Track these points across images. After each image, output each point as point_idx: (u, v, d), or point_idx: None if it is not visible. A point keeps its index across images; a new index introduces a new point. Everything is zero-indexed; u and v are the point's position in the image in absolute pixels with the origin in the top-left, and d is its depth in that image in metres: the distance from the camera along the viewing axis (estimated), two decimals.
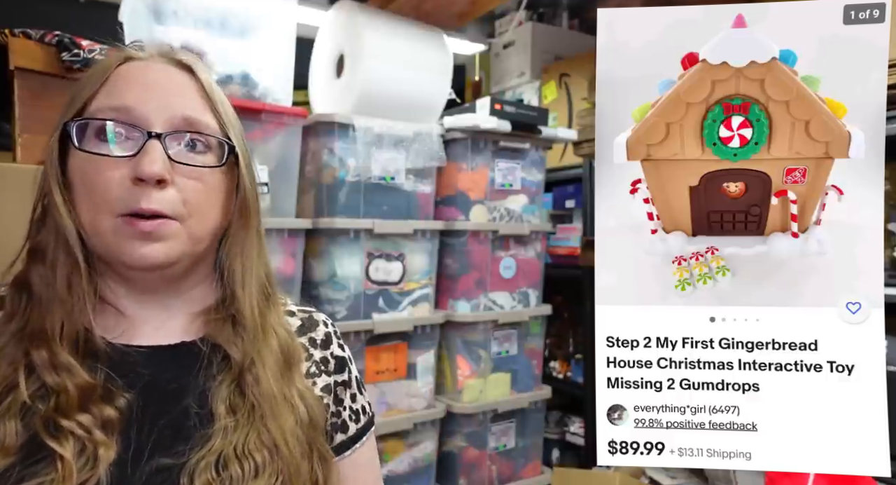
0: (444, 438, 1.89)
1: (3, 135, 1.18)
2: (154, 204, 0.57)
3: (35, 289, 0.59)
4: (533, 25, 2.59)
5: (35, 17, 1.39)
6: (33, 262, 0.61)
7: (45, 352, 0.56)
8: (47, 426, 0.54)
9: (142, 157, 0.57)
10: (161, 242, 0.59)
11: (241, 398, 0.62)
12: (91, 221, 0.58)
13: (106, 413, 0.56)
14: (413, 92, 1.79)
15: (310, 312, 0.77)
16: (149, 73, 0.62)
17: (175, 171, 0.59)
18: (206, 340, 0.65)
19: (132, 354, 0.61)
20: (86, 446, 0.54)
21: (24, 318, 0.59)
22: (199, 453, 0.57)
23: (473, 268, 1.88)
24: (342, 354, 0.75)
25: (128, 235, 0.58)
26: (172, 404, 0.60)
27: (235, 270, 0.66)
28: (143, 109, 0.59)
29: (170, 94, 0.61)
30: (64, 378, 0.56)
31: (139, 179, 0.57)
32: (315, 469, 0.64)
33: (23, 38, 1.08)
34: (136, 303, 0.64)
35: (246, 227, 0.66)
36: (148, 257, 0.58)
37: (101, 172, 0.58)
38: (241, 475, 0.57)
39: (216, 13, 1.42)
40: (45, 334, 0.57)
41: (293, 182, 1.60)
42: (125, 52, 0.64)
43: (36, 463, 0.52)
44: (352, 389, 0.74)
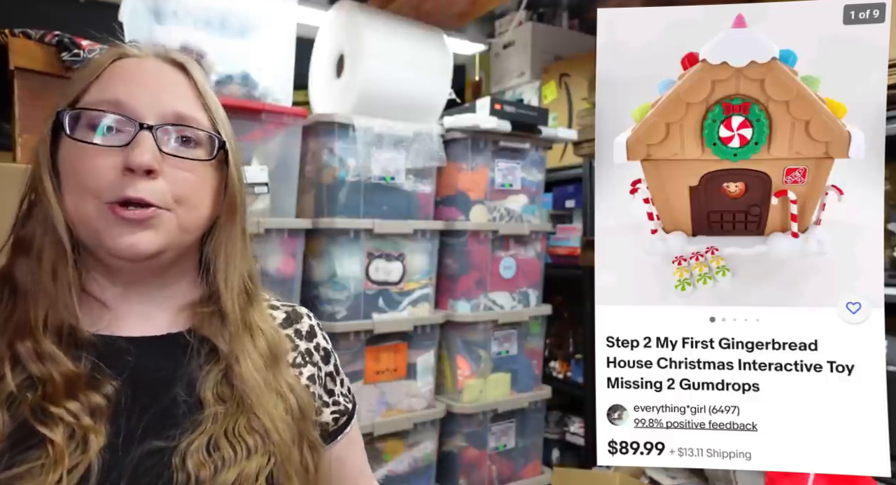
0: (444, 438, 1.89)
1: (3, 135, 1.18)
2: (142, 193, 0.58)
3: (19, 281, 0.60)
4: (533, 25, 2.59)
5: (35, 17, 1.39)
6: (18, 254, 0.61)
7: (29, 343, 0.57)
8: (35, 413, 0.54)
9: (132, 147, 0.58)
10: (149, 230, 0.59)
11: (230, 388, 0.63)
12: (77, 208, 0.59)
13: (94, 400, 0.56)
14: (413, 92, 1.79)
15: (292, 305, 0.79)
16: (142, 69, 0.63)
17: (165, 162, 0.60)
18: (192, 332, 0.65)
19: (118, 345, 0.61)
20: (75, 431, 0.54)
21: (7, 310, 0.59)
22: (189, 436, 0.58)
23: (473, 268, 1.88)
24: (327, 346, 0.77)
25: (115, 224, 0.58)
26: (161, 393, 0.60)
27: (219, 266, 0.67)
28: (136, 103, 0.60)
29: (162, 90, 0.62)
30: (49, 367, 0.56)
31: (129, 168, 0.57)
32: (305, 457, 0.65)
33: (23, 38, 1.08)
34: (120, 295, 0.64)
35: (232, 222, 0.67)
36: (135, 246, 0.59)
37: (91, 159, 0.58)
38: (233, 456, 0.58)
39: (216, 13, 1.42)
40: (29, 325, 0.57)
41: (293, 182, 1.60)
42: (120, 50, 0.65)
43: (26, 450, 0.53)
44: (340, 375, 0.78)
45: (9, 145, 1.10)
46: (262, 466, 0.60)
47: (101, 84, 0.61)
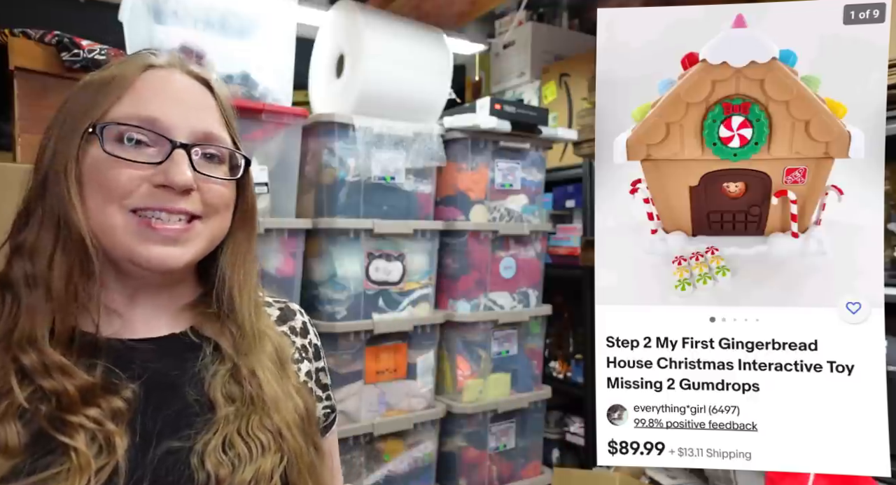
0: (444, 438, 1.89)
1: (2, 135, 1.18)
2: (181, 204, 0.60)
3: (20, 288, 0.59)
4: (533, 25, 2.59)
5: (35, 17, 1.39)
6: (19, 259, 0.60)
7: (34, 355, 0.56)
8: (54, 424, 0.54)
9: (170, 165, 0.59)
10: (182, 246, 0.61)
11: (238, 387, 0.63)
12: (101, 218, 0.59)
13: (115, 405, 0.57)
14: (413, 92, 1.79)
15: (284, 301, 0.80)
16: (173, 85, 0.64)
17: (197, 179, 0.62)
18: (194, 331, 0.67)
19: (127, 348, 0.62)
20: (97, 436, 0.54)
21: (10, 319, 0.58)
22: (204, 436, 0.59)
23: (473, 268, 1.88)
24: (317, 342, 0.79)
25: (148, 237, 0.59)
26: (172, 393, 0.61)
27: (235, 280, 0.68)
28: (169, 121, 0.61)
29: (193, 109, 0.64)
30: (60, 380, 0.55)
31: (164, 185, 0.59)
32: (311, 456, 0.66)
33: (23, 38, 1.08)
34: (128, 299, 0.65)
35: (248, 236, 0.70)
36: (166, 260, 0.60)
37: (121, 170, 0.59)
38: (248, 454, 0.59)
39: (216, 13, 1.42)
40: (33, 337, 0.56)
41: (293, 182, 1.60)
42: (145, 59, 0.65)
43: (46, 455, 0.53)
44: (327, 371, 0.79)
45: (9, 145, 1.10)
46: (276, 464, 0.61)
47: (135, 98, 0.61)
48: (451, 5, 1.81)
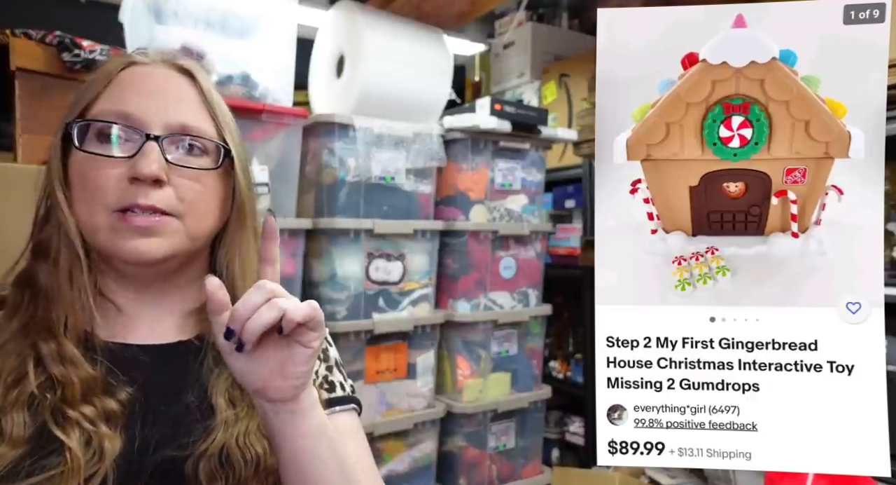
0: (444, 438, 1.89)
1: (3, 135, 1.18)
2: (151, 200, 0.59)
3: (41, 284, 0.61)
4: (533, 26, 2.59)
5: (36, 18, 1.39)
6: (37, 258, 0.62)
7: (52, 344, 0.58)
8: (55, 416, 0.55)
9: (139, 158, 0.59)
10: (157, 237, 0.60)
11: (241, 391, 0.63)
12: (88, 218, 0.60)
13: (108, 406, 0.57)
14: (413, 92, 1.79)
15: None
16: (150, 79, 0.63)
17: (172, 172, 0.61)
18: (201, 337, 0.66)
19: (131, 352, 0.62)
20: (91, 438, 0.55)
21: (30, 312, 0.60)
22: (202, 445, 0.59)
23: (473, 268, 1.88)
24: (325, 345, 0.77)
25: (123, 230, 0.59)
26: (173, 400, 0.61)
27: (235, 272, 0.67)
28: (143, 114, 0.61)
29: (169, 100, 0.63)
30: (69, 370, 0.57)
31: (135, 178, 0.58)
32: None
33: (24, 38, 1.08)
34: (132, 300, 0.65)
35: (242, 229, 0.68)
36: (143, 251, 0.60)
37: (99, 170, 0.59)
38: (243, 465, 0.59)
39: (216, 13, 1.42)
40: (53, 327, 0.58)
41: (293, 182, 1.60)
42: (128, 57, 0.65)
43: (47, 456, 0.53)
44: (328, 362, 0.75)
45: (9, 145, 1.10)
46: (273, 471, 0.60)
47: (110, 94, 0.62)
48: (451, 5, 1.81)
